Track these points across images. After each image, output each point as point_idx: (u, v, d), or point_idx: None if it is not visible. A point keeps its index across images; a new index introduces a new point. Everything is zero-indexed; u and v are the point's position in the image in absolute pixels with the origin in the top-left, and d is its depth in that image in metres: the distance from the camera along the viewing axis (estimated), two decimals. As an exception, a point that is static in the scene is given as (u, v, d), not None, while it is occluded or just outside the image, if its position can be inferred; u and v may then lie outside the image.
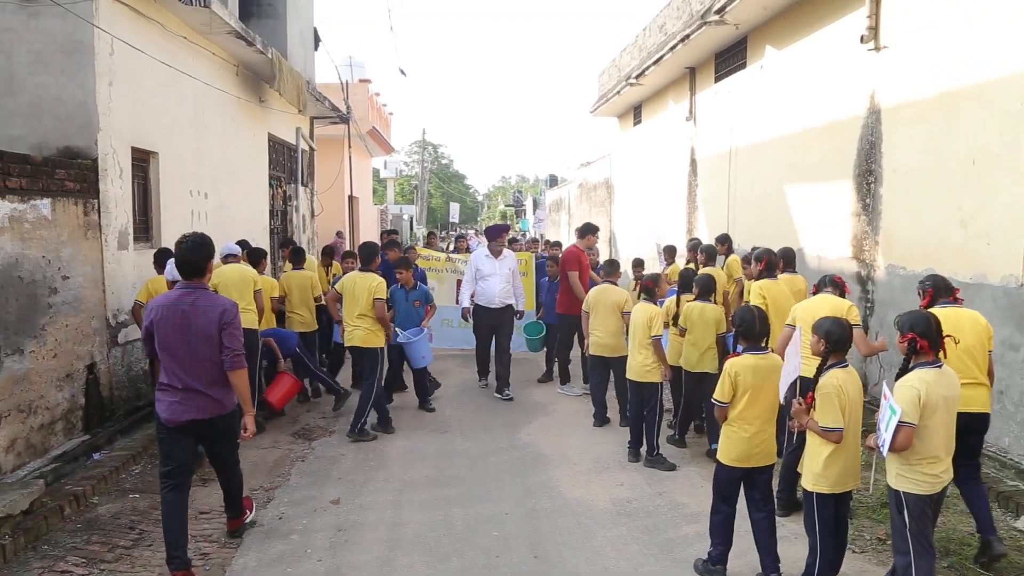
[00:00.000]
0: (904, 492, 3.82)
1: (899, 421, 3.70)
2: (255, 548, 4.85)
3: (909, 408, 3.72)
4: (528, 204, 49.68)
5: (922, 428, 3.75)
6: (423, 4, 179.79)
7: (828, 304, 5.55)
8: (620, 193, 21.28)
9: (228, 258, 7.87)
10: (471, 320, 9.42)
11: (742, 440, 4.39)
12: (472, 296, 9.37)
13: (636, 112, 19.13)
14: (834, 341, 4.13)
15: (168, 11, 8.41)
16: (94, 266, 7.00)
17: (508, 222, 43.25)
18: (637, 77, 15.94)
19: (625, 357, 7.08)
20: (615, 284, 7.95)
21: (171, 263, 6.33)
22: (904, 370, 3.94)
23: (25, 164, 5.99)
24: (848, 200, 8.90)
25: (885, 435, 3.79)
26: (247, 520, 5.20)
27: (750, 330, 4.49)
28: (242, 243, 8.70)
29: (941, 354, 3.94)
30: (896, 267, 8.00)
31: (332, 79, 18.89)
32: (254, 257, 8.33)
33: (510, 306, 9.27)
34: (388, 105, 26.87)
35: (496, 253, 9.25)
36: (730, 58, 12.72)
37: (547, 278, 10.60)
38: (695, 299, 7.02)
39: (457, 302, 10.17)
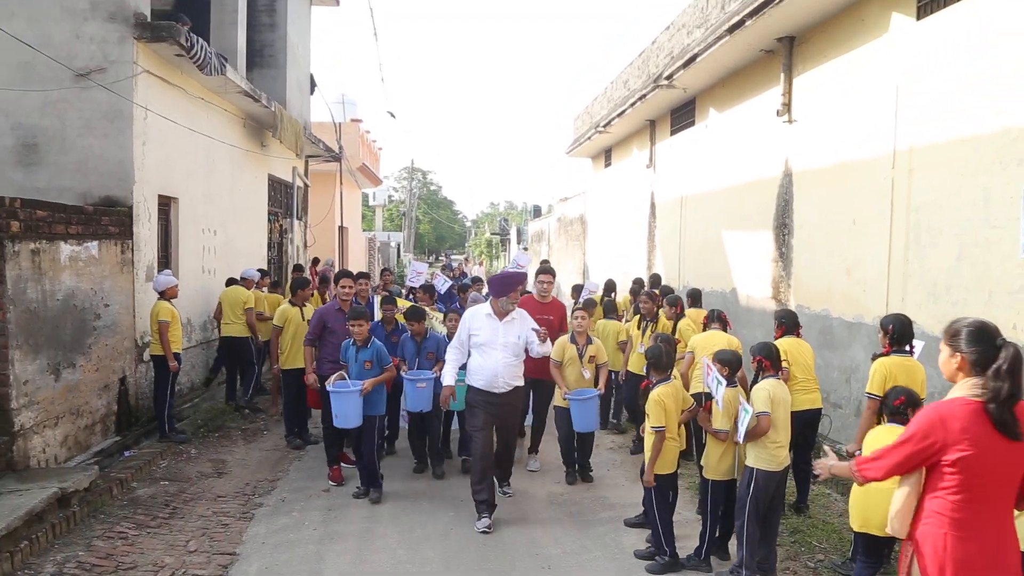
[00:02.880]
0: (756, 468, 5.26)
1: (758, 412, 5.15)
2: (264, 521, 6.25)
3: (763, 403, 5.17)
4: (512, 233, 51.01)
5: (772, 419, 5.20)
6: (413, 35, 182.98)
7: (722, 338, 7.08)
8: (593, 229, 22.84)
9: (243, 281, 10.55)
10: (457, 401, 6.77)
11: (675, 451, 5.70)
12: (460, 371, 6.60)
13: (607, 155, 20.73)
14: (727, 364, 5.60)
15: (190, 77, 9.89)
16: (127, 296, 8.40)
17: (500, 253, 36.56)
18: (605, 126, 17.53)
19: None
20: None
21: (162, 275, 8.66)
22: (755, 381, 5.45)
23: (81, 214, 7.42)
24: (769, 248, 10.41)
25: (741, 428, 5.23)
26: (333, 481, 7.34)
27: (658, 362, 5.80)
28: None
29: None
30: (803, 307, 9.48)
31: (325, 116, 20.41)
32: (296, 285, 9.26)
33: (518, 389, 6.58)
34: (377, 141, 28.45)
35: (501, 313, 6.43)
36: (682, 115, 14.30)
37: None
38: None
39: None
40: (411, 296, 9.82)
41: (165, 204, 9.66)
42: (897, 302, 7.49)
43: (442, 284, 11.90)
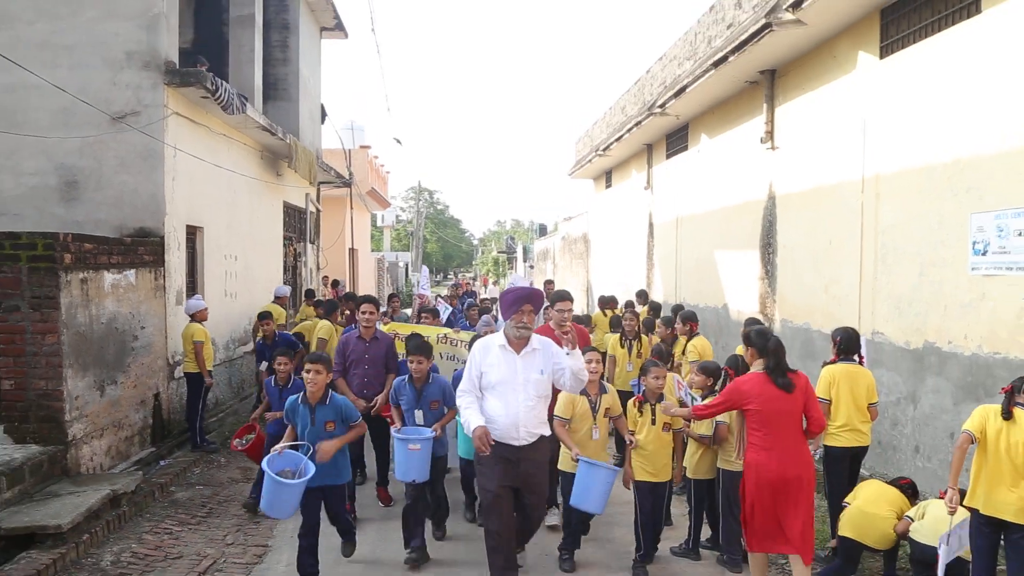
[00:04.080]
0: (722, 469, 5.96)
1: (716, 421, 5.84)
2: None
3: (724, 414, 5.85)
4: (519, 251, 51.56)
5: (729, 427, 5.87)
6: (420, 57, 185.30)
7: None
8: (595, 247, 23.56)
9: (278, 300, 11.78)
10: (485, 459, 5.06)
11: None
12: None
13: (608, 177, 21.48)
14: (710, 374, 6.31)
15: (213, 116, 10.67)
16: (160, 318, 9.13)
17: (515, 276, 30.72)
18: (604, 149, 18.28)
19: None
20: None
21: (193, 299, 9.41)
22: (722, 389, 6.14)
23: (121, 245, 8.18)
24: (756, 267, 11.10)
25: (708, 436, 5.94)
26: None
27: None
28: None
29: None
30: (787, 321, 10.16)
31: (335, 143, 21.30)
32: (327, 307, 10.60)
33: (544, 440, 5.25)
34: (385, 165, 29.34)
35: (519, 342, 5.14)
36: (677, 140, 15.05)
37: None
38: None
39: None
40: (420, 320, 9.39)
41: (191, 233, 10.42)
42: (868, 316, 8.17)
43: (443, 311, 11.15)
